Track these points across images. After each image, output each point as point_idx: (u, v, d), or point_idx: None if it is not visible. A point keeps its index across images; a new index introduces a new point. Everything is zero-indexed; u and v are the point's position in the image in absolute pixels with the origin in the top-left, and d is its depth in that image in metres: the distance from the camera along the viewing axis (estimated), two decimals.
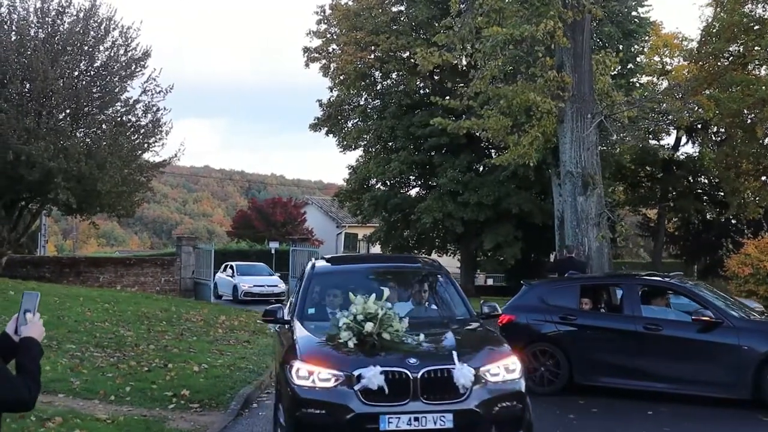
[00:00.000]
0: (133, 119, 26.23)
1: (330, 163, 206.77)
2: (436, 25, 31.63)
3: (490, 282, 45.45)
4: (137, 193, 27.71)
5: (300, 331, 7.50)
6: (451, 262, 41.73)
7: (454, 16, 18.04)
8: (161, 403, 9.55)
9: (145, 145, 26.63)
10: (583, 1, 16.81)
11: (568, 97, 17.49)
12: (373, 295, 7.07)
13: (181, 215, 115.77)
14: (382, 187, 34.08)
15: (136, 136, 26.29)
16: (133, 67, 25.63)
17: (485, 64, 17.79)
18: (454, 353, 6.69)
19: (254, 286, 31.89)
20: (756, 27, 26.86)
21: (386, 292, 7.22)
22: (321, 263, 9.32)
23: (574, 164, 17.72)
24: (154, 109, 26.10)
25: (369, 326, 6.80)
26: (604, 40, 27.31)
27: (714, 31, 27.93)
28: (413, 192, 35.01)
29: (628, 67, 27.66)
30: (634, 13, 29.38)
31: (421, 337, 7.00)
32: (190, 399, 9.81)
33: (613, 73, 21.37)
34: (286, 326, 8.06)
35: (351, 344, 6.84)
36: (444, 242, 35.45)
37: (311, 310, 8.21)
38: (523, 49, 18.97)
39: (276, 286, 32.02)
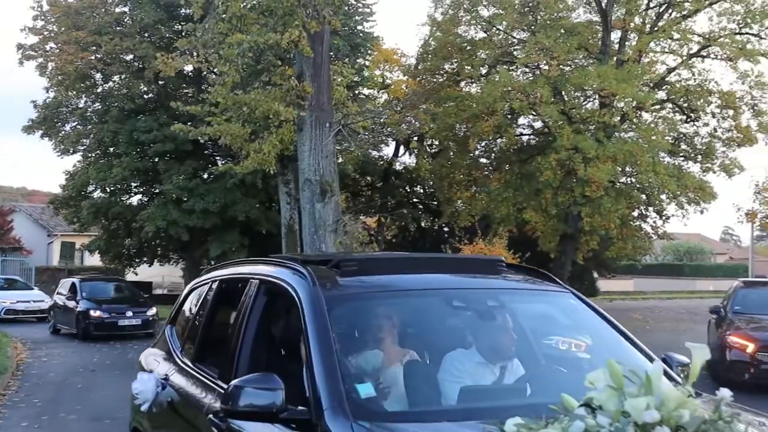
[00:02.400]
0: None
1: (36, 168, 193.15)
2: (163, 28, 31.88)
3: None
4: None
5: None
6: (173, 271, 41.78)
7: (196, 21, 18.68)
8: None
9: None
10: (324, 13, 18.17)
11: (308, 106, 18.78)
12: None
13: None
14: (102, 194, 33.44)
15: None
16: None
17: (228, 70, 18.60)
18: None
19: (18, 302, 29.53)
20: (468, 47, 30.13)
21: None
22: (329, 279, 4.25)
23: (313, 172, 19.06)
24: None
25: None
26: (333, 53, 29.13)
27: (431, 49, 30.93)
28: (135, 199, 34.72)
29: (356, 79, 29.70)
30: (360, 28, 31.62)
31: None
32: None
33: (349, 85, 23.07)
34: None
35: None
36: (166, 250, 35.53)
37: (364, 389, 3.76)
38: (267, 57, 20.07)
39: (42, 301, 29.91)
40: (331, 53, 25.28)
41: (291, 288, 4.09)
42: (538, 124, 30.80)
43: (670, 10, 28.52)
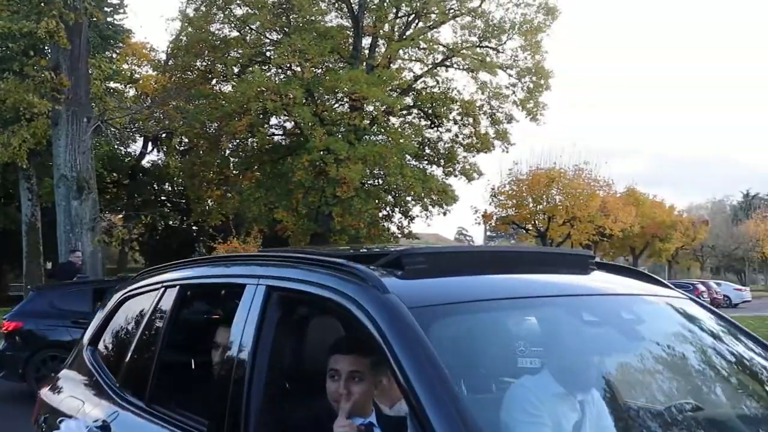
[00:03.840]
0: None
1: None
2: None
3: None
4: None
5: None
6: None
7: None
8: None
9: None
10: (85, 4, 17.91)
11: (65, 100, 18.41)
12: None
13: None
14: None
15: None
16: None
17: None
18: None
19: None
20: (221, 45, 30.47)
21: None
22: (398, 283, 2.87)
23: (69, 168, 18.75)
24: None
25: None
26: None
27: (182, 45, 30.89)
28: None
29: (104, 74, 29.06)
30: (109, 19, 30.94)
31: None
32: None
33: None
34: None
35: None
36: None
37: None
38: (15, 46, 19.36)
39: None
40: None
41: (342, 298, 2.83)
42: (289, 125, 31.76)
43: (417, 21, 30.55)
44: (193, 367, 4.41)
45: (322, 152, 27.19)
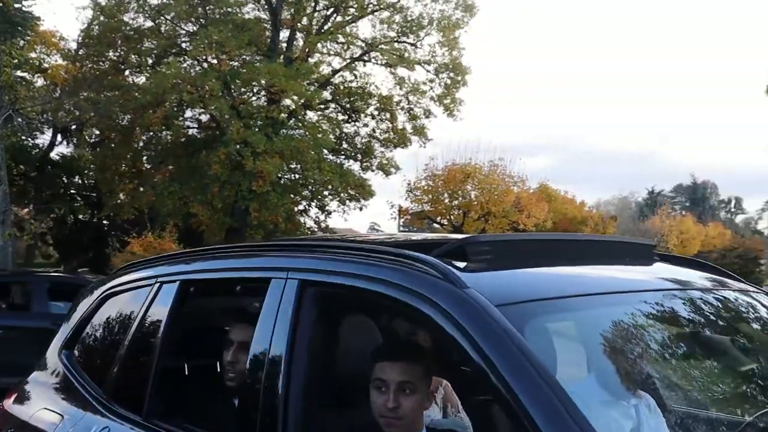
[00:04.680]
0: None
1: None
2: None
3: None
4: None
5: None
6: None
7: None
8: None
9: None
10: None
11: None
12: None
13: None
14: None
15: None
16: None
17: None
18: None
19: None
20: (135, 36, 29.86)
21: None
22: (472, 276, 2.48)
23: None
24: None
25: None
26: None
27: (93, 34, 30.13)
28: None
29: (15, 61, 28.16)
30: (18, 5, 29.91)
31: None
32: None
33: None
34: None
35: None
36: None
37: None
38: None
39: None
40: None
41: (407, 295, 2.44)
42: (205, 118, 31.34)
43: (335, 14, 30.52)
44: (200, 375, 3.87)
45: (239, 145, 26.94)
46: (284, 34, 30.52)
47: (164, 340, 3.40)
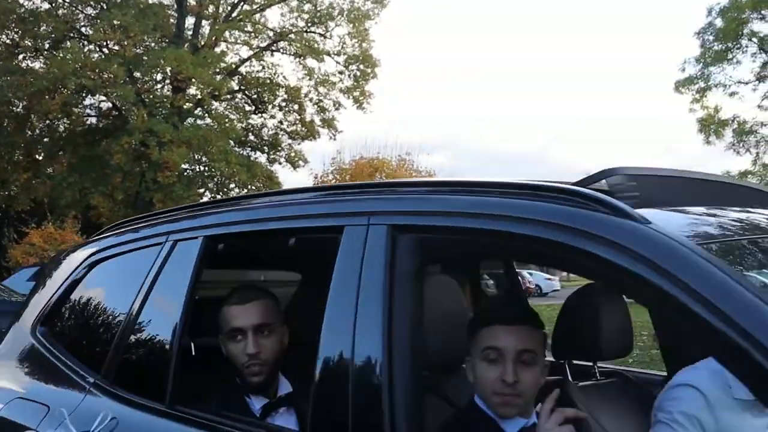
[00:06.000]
0: None
1: None
2: None
3: None
4: None
5: None
6: None
7: None
8: None
9: None
10: None
11: None
12: None
13: None
14: None
15: None
16: None
17: None
18: None
19: None
20: (30, 19, 28.50)
21: None
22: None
23: None
24: None
25: None
26: None
27: None
28: None
29: None
30: None
31: None
32: None
33: None
34: None
35: None
36: None
37: None
38: None
39: None
40: None
41: (568, 233, 1.99)
42: (105, 106, 30.21)
43: (243, 2, 29.94)
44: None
45: (143, 134, 26.09)
46: (191, 21, 29.76)
47: (186, 311, 2.77)
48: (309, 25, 30.10)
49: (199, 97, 28.23)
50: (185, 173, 28.66)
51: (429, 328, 2.38)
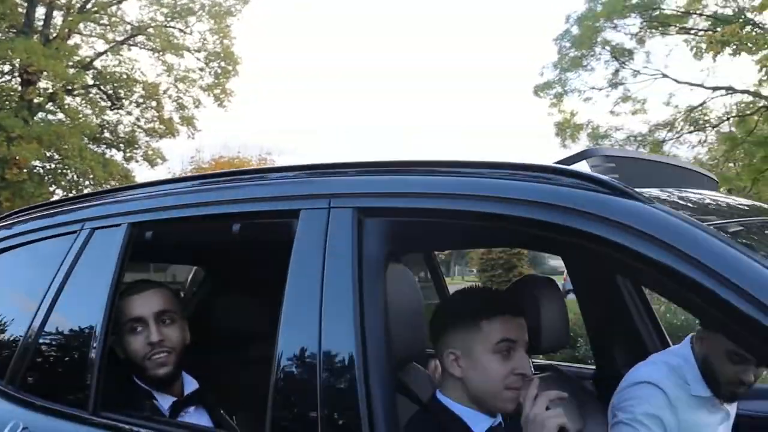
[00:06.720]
0: None
1: None
2: None
3: None
4: None
5: None
6: None
7: None
8: None
9: None
10: None
11: None
12: None
13: None
14: None
15: None
16: None
17: None
18: None
19: None
20: None
21: None
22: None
23: None
24: None
25: None
26: None
27: None
28: None
29: None
30: None
31: None
32: None
33: None
34: None
35: None
36: None
37: None
38: None
39: None
40: None
41: (568, 214, 1.87)
42: None
43: None
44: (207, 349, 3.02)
45: None
46: (42, 11, 28.34)
47: (110, 307, 2.51)
48: (168, 19, 29.21)
49: (51, 91, 26.98)
50: (35, 170, 27.35)
51: (390, 319, 2.15)
